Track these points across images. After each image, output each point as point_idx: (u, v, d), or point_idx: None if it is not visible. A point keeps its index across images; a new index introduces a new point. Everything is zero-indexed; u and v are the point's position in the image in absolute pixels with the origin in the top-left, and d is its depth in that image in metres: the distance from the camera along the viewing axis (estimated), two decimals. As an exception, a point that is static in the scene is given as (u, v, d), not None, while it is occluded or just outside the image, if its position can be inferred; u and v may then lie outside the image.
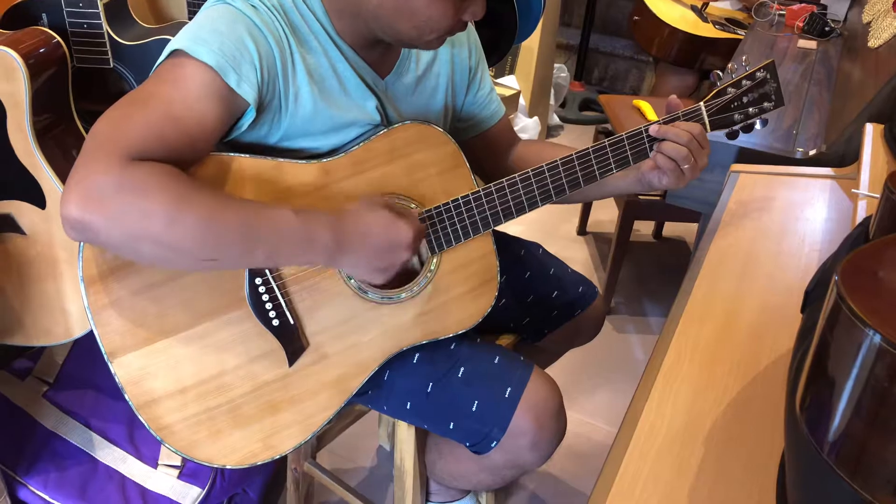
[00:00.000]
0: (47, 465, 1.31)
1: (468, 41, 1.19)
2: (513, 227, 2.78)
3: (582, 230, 2.81)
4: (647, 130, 1.09)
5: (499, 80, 2.87)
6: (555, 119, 3.56)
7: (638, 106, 2.34)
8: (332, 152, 1.02)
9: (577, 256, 2.68)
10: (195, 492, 1.36)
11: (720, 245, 1.18)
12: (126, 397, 0.92)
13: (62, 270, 0.86)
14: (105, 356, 0.90)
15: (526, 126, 2.90)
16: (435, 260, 1.07)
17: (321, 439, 1.56)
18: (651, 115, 2.27)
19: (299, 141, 1.00)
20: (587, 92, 4.01)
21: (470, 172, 1.08)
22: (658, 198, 2.22)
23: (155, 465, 1.36)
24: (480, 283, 1.10)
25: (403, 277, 1.04)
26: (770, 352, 0.95)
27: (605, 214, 2.88)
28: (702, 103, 1.11)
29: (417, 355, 1.11)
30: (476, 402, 1.06)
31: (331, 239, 0.89)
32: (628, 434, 0.85)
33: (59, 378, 1.44)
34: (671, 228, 2.86)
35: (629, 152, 1.10)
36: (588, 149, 1.08)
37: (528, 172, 1.07)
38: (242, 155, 0.94)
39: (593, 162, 1.09)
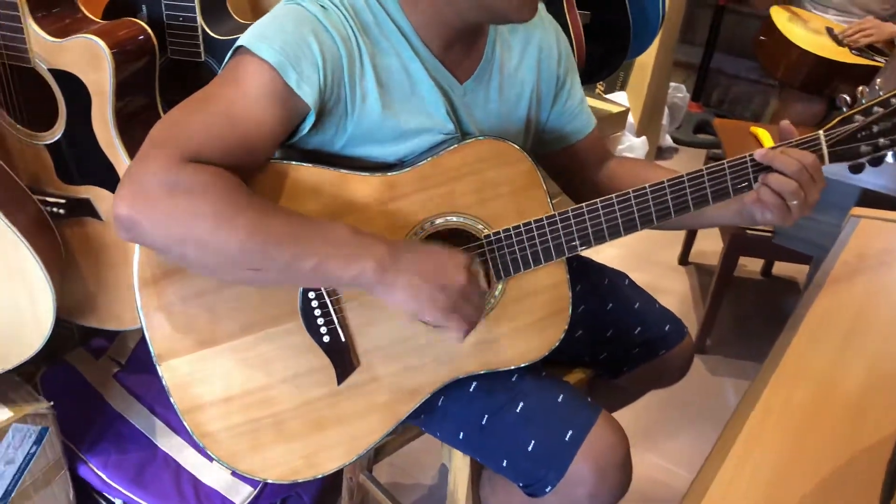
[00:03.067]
0: (109, 445, 1.34)
1: (557, 47, 1.11)
2: (608, 251, 2.67)
3: (684, 259, 2.65)
4: (752, 158, 0.98)
5: (608, 96, 2.76)
6: (667, 140, 3.40)
7: (755, 133, 2.18)
8: (399, 164, 0.97)
9: (675, 288, 2.53)
10: (247, 490, 1.35)
11: (829, 299, 1.05)
12: (172, 400, 0.90)
13: (133, 259, 0.86)
14: (154, 358, 0.89)
15: (633, 146, 2.77)
16: (500, 286, 1.00)
17: (381, 451, 1.52)
18: (768, 143, 2.10)
19: (365, 148, 0.95)
20: (704, 114, 3.81)
21: (546, 194, 1.00)
22: (768, 233, 2.05)
23: (211, 458, 1.35)
24: (549, 314, 1.02)
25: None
26: (873, 430, 0.82)
27: (712, 245, 2.70)
28: (821, 131, 0.99)
29: (475, 384, 1.04)
30: (533, 441, 0.98)
31: (385, 250, 0.84)
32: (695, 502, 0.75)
33: (129, 361, 1.47)
34: (783, 267, 2.65)
35: (729, 182, 0.99)
36: (683, 176, 0.99)
37: (611, 198, 0.98)
38: (303, 164, 0.91)
39: (687, 190, 0.99)
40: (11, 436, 1.14)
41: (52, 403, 1.19)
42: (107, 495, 1.32)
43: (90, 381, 1.43)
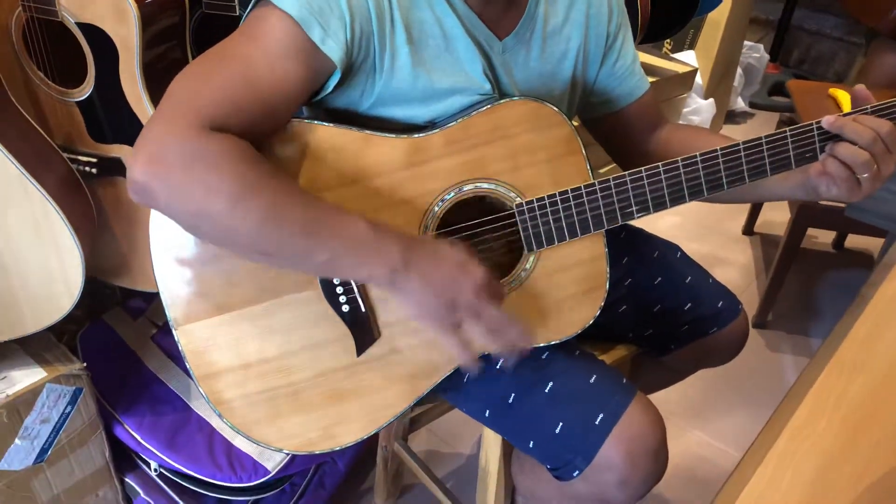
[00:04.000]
0: (145, 406, 1.34)
1: (608, 2, 1.02)
2: (667, 218, 2.55)
3: (748, 229, 2.52)
4: (819, 125, 0.88)
5: (675, 55, 2.61)
6: (739, 103, 3.21)
7: (834, 96, 2.02)
8: (430, 125, 0.91)
9: (738, 258, 2.40)
10: (279, 456, 1.34)
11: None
12: (188, 366, 0.88)
13: (150, 222, 0.84)
14: (171, 322, 0.87)
15: (699, 108, 2.62)
16: (532, 258, 0.94)
17: (418, 419, 1.49)
18: (848, 107, 1.95)
19: (394, 109, 0.90)
20: (782, 75, 3.59)
21: (585, 161, 0.93)
22: (840, 204, 1.91)
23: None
24: (583, 290, 0.96)
25: (496, 274, 0.92)
26: (938, 431, 0.74)
27: (780, 215, 2.55)
28: None
29: (501, 360, 0.99)
30: (561, 423, 0.93)
31: (399, 253, 0.78)
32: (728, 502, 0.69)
33: (167, 322, 1.47)
34: (857, 240, 2.49)
35: (791, 152, 0.90)
36: (739, 144, 0.90)
37: (657, 167, 0.90)
38: (326, 123, 0.86)
39: (743, 160, 0.90)
40: (46, 395, 1.15)
41: (85, 364, 1.20)
42: (143, 456, 1.33)
43: (127, 342, 1.44)
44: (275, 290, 0.88)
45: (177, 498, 1.36)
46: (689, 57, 2.62)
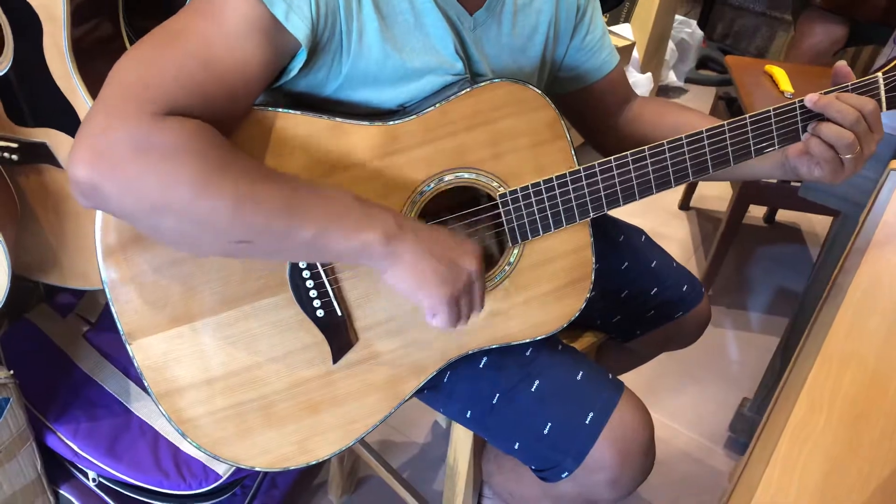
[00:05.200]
0: (79, 412, 1.23)
1: None
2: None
3: (685, 204, 2.55)
4: (801, 104, 0.86)
5: (611, 29, 2.59)
6: (672, 78, 3.23)
7: (770, 72, 2.04)
8: (401, 111, 0.84)
9: (675, 234, 2.43)
10: (231, 459, 1.26)
11: (872, 268, 0.95)
12: (145, 384, 0.79)
13: (95, 225, 0.73)
14: (123, 336, 0.78)
15: (637, 82, 2.63)
16: (516, 251, 0.89)
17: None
18: (784, 83, 1.97)
19: (362, 91, 0.82)
20: (707, 49, 3.64)
21: (570, 147, 0.88)
22: (781, 182, 1.94)
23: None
24: (568, 282, 0.92)
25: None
26: (940, 421, 0.74)
27: (713, 189, 2.60)
28: (880, 74, 0.87)
29: (486, 359, 0.94)
30: (549, 424, 0.89)
31: (392, 218, 0.73)
32: (737, 511, 0.67)
33: (100, 318, 1.35)
34: (787, 214, 2.56)
35: (775, 134, 0.88)
36: (723, 125, 0.87)
37: (643, 150, 0.86)
38: (290, 111, 0.77)
39: (728, 142, 0.88)
40: (-33, 408, 1.03)
41: (12, 372, 1.07)
42: (79, 466, 1.22)
43: (56, 342, 1.31)
44: (240, 296, 0.80)
45: (118, 508, 1.26)
46: (625, 30, 2.61)
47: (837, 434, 0.72)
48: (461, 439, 1.09)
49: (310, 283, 0.81)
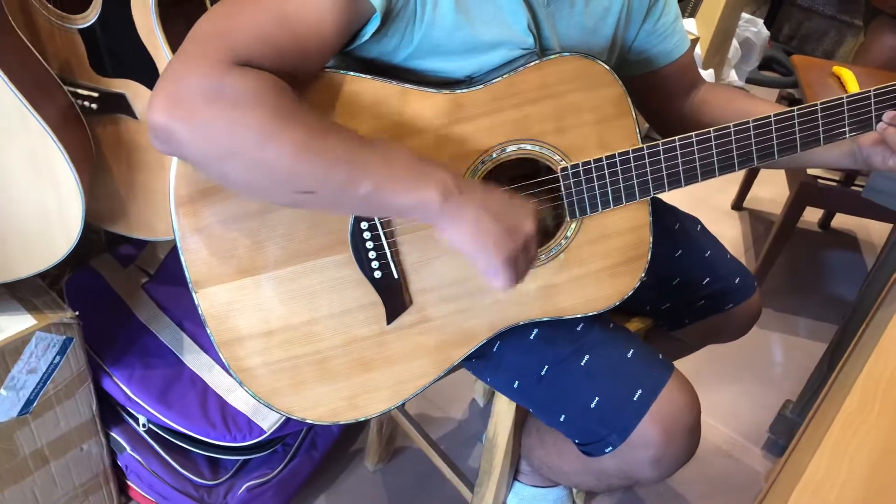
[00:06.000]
0: (135, 359, 1.27)
1: None
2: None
3: (738, 204, 2.51)
4: (876, 93, 0.85)
5: (676, 22, 2.56)
6: (733, 76, 3.18)
7: (838, 74, 2.00)
8: (468, 81, 0.85)
9: (726, 233, 2.40)
10: (275, 416, 1.29)
11: (935, 268, 0.94)
12: (208, 331, 0.82)
13: (169, 165, 0.76)
14: (190, 284, 0.81)
15: (697, 79, 2.58)
16: (574, 225, 0.89)
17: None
18: (853, 86, 1.93)
19: (431, 61, 0.83)
20: (772, 50, 3.57)
21: (635, 124, 0.88)
22: (836, 183, 1.90)
23: (243, 383, 1.29)
24: (625, 259, 0.92)
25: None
26: None
27: (768, 191, 2.56)
28: None
29: (536, 331, 0.95)
30: (597, 398, 0.90)
31: (451, 178, 0.74)
32: (783, 495, 0.67)
33: (159, 271, 1.39)
34: (842, 220, 2.50)
35: (847, 122, 0.87)
36: (793, 110, 0.87)
37: (709, 132, 0.86)
38: (361, 75, 0.79)
39: (797, 128, 0.87)
40: (35, 344, 1.07)
41: (77, 313, 1.12)
42: (131, 410, 1.27)
43: (116, 290, 1.36)
44: (303, 253, 0.82)
45: (164, 454, 1.31)
46: (689, 25, 2.58)
47: (889, 425, 0.71)
48: (503, 412, 1.11)
49: (370, 245, 0.83)
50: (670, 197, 0.92)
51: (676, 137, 0.86)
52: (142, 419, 1.28)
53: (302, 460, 1.39)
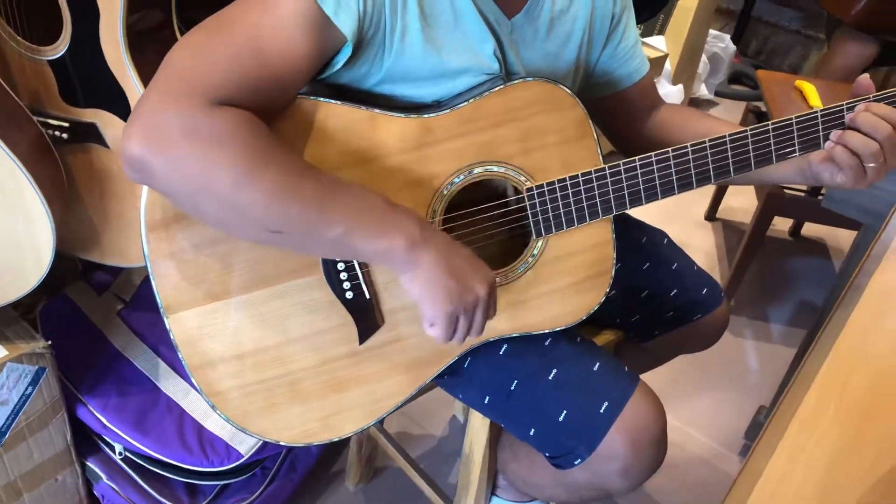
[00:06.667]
0: (110, 386, 1.27)
1: None
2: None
3: (711, 215, 2.56)
4: (822, 114, 0.88)
5: (645, 40, 2.61)
6: (703, 91, 3.24)
7: (800, 88, 2.05)
8: (436, 105, 0.87)
9: (700, 244, 2.44)
10: (253, 440, 1.30)
11: (888, 274, 0.97)
12: (180, 356, 0.83)
13: (141, 192, 0.77)
14: (161, 309, 0.82)
15: (668, 94, 2.64)
16: (540, 244, 0.91)
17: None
18: (814, 99, 1.98)
19: (400, 87, 0.86)
20: (741, 65, 3.64)
21: (597, 145, 0.91)
22: (804, 193, 1.95)
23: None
24: (590, 275, 0.94)
25: (499, 261, 0.90)
26: (943, 422, 0.75)
27: (740, 201, 2.61)
28: None
29: (505, 346, 0.97)
30: (565, 411, 0.92)
31: (417, 227, 0.76)
32: (742, 498, 0.69)
33: (134, 298, 1.40)
34: (812, 228, 2.55)
35: (797, 141, 0.90)
36: (746, 131, 0.89)
37: (667, 152, 0.89)
38: (331, 101, 0.81)
39: (750, 147, 0.90)
40: (6, 375, 1.07)
41: (50, 343, 1.12)
42: (107, 439, 1.26)
43: (91, 318, 1.36)
44: (274, 276, 0.83)
45: (141, 482, 1.30)
46: (658, 42, 2.63)
47: (843, 428, 0.73)
48: (477, 428, 1.12)
49: (341, 266, 0.85)
50: (644, 208, 0.94)
51: (637, 157, 0.89)
52: (118, 447, 1.27)
53: (281, 483, 1.39)
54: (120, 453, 1.29)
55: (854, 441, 0.72)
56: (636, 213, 1.16)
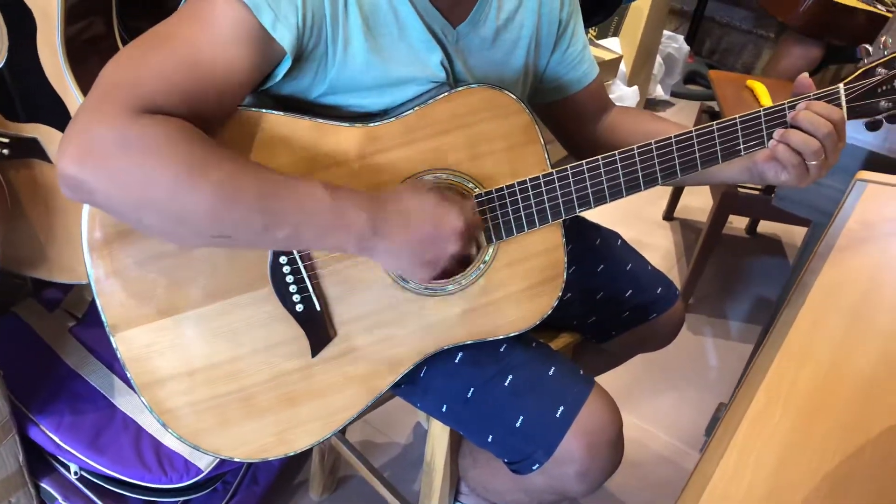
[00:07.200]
0: (63, 405, 1.25)
1: None
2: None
3: (669, 215, 2.59)
4: (765, 113, 0.90)
5: (600, 42, 2.64)
6: (659, 91, 3.28)
7: (751, 87, 2.09)
8: (383, 113, 0.87)
9: (659, 243, 2.47)
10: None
11: (835, 270, 0.99)
12: (128, 375, 0.81)
13: (82, 218, 0.76)
14: (107, 328, 0.80)
15: (623, 95, 2.67)
16: (491, 250, 0.92)
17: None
18: (765, 98, 2.02)
19: (345, 97, 0.85)
20: (695, 64, 3.70)
21: (544, 151, 0.91)
22: (758, 192, 1.98)
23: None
24: (542, 280, 0.95)
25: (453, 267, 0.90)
26: (887, 415, 0.77)
27: (697, 200, 2.64)
28: (841, 85, 0.90)
29: (461, 354, 0.97)
30: (521, 417, 0.92)
31: (365, 221, 0.75)
32: (694, 498, 0.69)
33: (87, 314, 1.37)
34: (768, 225, 2.60)
35: (741, 141, 0.91)
36: (691, 132, 0.91)
37: (613, 155, 0.90)
38: (275, 112, 0.80)
39: (696, 148, 0.91)
40: (-48, 398, 1.05)
41: (-2, 363, 1.10)
42: (62, 459, 1.24)
43: (42, 336, 1.33)
44: (223, 291, 0.82)
45: (98, 501, 1.28)
46: (613, 44, 2.66)
47: (792, 426, 0.75)
48: (438, 436, 1.12)
49: (290, 279, 0.84)
50: (603, 208, 0.95)
51: (584, 162, 0.90)
52: (73, 467, 1.25)
53: (244, 497, 1.38)
54: (76, 473, 1.26)
55: (802, 438, 0.74)
56: (593, 214, 1.17)
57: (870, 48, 0.93)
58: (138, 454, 1.23)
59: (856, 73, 0.91)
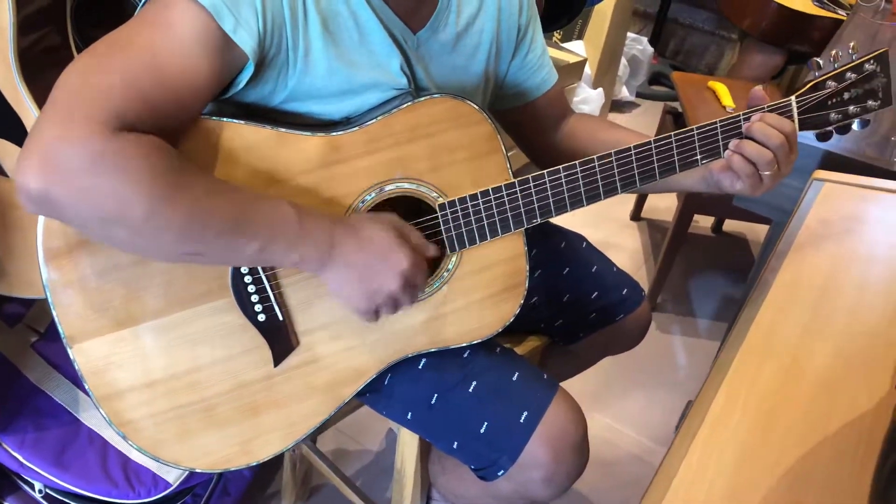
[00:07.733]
0: (26, 422, 1.23)
1: None
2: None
3: (636, 215, 2.62)
4: (721, 124, 0.91)
5: (565, 45, 2.66)
6: (624, 93, 3.32)
7: (713, 88, 2.13)
8: (345, 121, 0.87)
9: (626, 243, 2.49)
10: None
11: (795, 267, 1.00)
12: (86, 387, 0.80)
13: (38, 228, 0.74)
14: (64, 340, 0.79)
15: (588, 97, 2.69)
16: (454, 259, 0.92)
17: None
18: (726, 98, 2.06)
19: (308, 104, 0.85)
20: (659, 66, 3.75)
21: (506, 160, 0.92)
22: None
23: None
24: (504, 288, 0.95)
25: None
26: (845, 410, 0.78)
27: (664, 201, 2.68)
28: (793, 98, 0.92)
29: (424, 360, 0.97)
30: (485, 423, 0.92)
31: (326, 238, 0.78)
32: (658, 496, 0.70)
33: (50, 328, 1.35)
34: (733, 224, 2.64)
35: (698, 151, 0.93)
36: (650, 142, 0.92)
37: (574, 165, 0.90)
38: (237, 121, 0.80)
39: (654, 158, 0.92)
40: None
41: (-44, 381, 1.08)
42: (25, 477, 1.22)
43: (3, 352, 1.30)
44: (183, 300, 0.81)
45: (65, 519, 1.26)
46: (577, 47, 2.68)
47: (753, 423, 0.76)
48: (407, 443, 1.12)
49: (251, 289, 0.84)
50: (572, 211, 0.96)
51: (545, 171, 0.90)
52: (38, 485, 1.23)
53: (214, 509, 1.37)
54: (40, 491, 1.24)
55: (762, 436, 0.75)
56: (562, 216, 1.18)
57: (821, 62, 0.95)
58: (104, 469, 1.22)
59: (807, 87, 0.93)
